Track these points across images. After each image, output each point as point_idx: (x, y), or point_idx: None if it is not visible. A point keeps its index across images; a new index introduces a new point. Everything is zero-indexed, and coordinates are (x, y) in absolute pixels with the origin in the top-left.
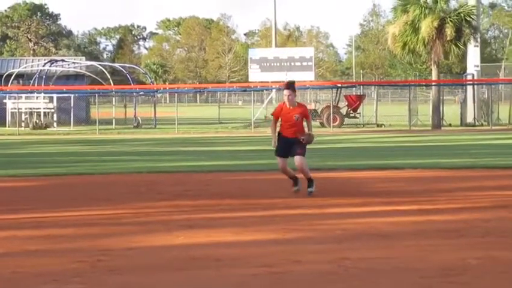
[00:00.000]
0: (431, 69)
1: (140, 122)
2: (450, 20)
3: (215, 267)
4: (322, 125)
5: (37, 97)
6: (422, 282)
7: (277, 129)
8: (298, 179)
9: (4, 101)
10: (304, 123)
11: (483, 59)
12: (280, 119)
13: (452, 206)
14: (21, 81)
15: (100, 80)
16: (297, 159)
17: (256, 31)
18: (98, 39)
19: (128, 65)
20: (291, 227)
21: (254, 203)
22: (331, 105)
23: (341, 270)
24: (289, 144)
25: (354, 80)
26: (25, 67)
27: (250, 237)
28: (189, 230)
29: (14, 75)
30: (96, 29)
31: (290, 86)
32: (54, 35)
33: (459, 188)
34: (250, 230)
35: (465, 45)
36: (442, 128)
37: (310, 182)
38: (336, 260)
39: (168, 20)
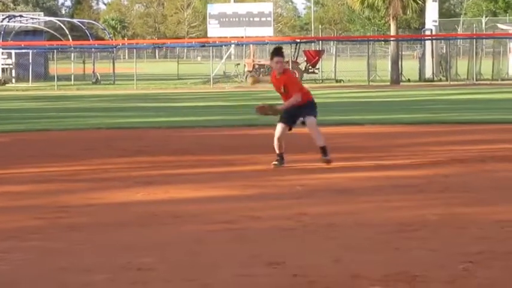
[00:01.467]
0: (389, 25)
1: (99, 78)
2: None
3: (174, 224)
4: None
5: None
6: (381, 237)
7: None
8: (283, 158)
9: None
10: None
11: (441, 14)
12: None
13: (411, 162)
14: None
15: (58, 35)
16: (309, 123)
17: None
18: None
19: (86, 21)
20: (249, 183)
21: (213, 160)
22: (290, 61)
23: (300, 226)
24: (295, 110)
25: (313, 36)
26: None
27: (209, 193)
28: (148, 187)
29: None
30: None
31: (279, 52)
32: None
33: (418, 144)
34: (209, 186)
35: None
36: (401, 83)
37: (323, 150)
38: (295, 215)
39: None
